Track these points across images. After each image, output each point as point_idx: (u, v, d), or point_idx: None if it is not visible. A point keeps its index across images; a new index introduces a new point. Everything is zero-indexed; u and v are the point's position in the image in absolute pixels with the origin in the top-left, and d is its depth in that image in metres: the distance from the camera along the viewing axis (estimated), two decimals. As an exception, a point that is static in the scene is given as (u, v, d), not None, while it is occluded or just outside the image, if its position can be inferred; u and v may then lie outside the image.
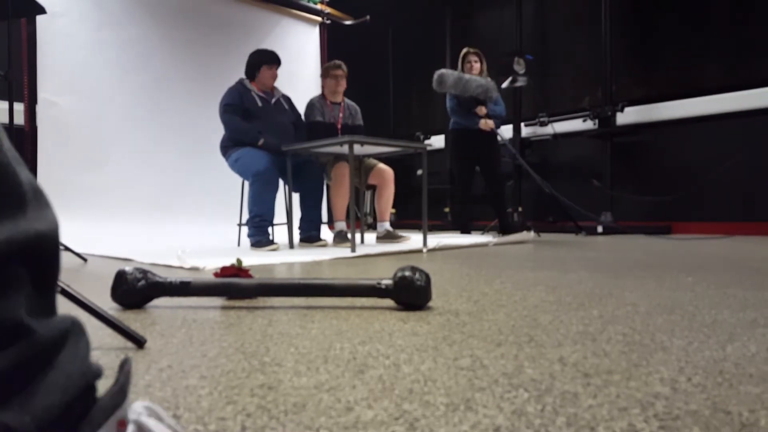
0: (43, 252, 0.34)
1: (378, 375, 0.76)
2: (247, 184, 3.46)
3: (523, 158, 5.34)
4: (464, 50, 4.51)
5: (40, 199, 0.35)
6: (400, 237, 3.66)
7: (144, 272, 1.32)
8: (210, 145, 4.14)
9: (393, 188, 3.83)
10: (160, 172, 4.76)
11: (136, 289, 1.30)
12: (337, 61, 3.83)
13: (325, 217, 6.04)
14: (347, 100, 3.90)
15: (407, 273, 1.28)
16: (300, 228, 3.63)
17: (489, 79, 4.28)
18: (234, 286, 1.33)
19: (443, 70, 4.19)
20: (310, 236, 3.57)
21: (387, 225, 3.76)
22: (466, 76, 4.21)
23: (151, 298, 1.34)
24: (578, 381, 0.72)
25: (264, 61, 3.54)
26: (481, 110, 4.31)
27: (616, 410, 0.61)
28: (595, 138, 5.24)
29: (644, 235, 4.53)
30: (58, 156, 4.20)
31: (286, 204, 3.59)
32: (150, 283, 1.31)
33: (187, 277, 1.34)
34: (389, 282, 1.29)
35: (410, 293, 1.27)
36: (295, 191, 3.61)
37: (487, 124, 4.31)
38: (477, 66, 4.42)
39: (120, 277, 1.31)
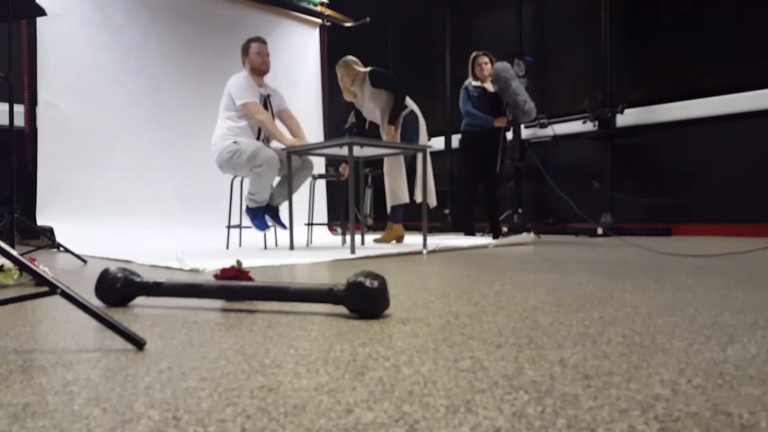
0: None
1: (378, 377, 0.76)
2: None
3: (523, 160, 5.34)
4: (474, 53, 4.49)
5: None
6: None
7: (125, 272, 1.38)
8: (209, 147, 4.13)
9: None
10: (159, 174, 4.76)
11: (115, 288, 1.36)
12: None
13: (325, 218, 6.04)
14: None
15: (360, 278, 1.18)
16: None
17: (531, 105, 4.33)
18: (198, 288, 1.36)
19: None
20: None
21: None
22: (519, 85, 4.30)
23: (132, 297, 1.40)
24: (578, 383, 0.72)
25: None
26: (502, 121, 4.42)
27: (616, 412, 0.61)
28: (595, 139, 5.24)
29: (644, 237, 4.53)
30: (58, 157, 4.20)
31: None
32: (128, 283, 1.37)
33: (160, 278, 1.38)
34: (341, 287, 1.21)
35: (362, 300, 1.17)
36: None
37: (503, 120, 4.40)
38: (488, 67, 4.41)
39: (103, 276, 1.38)
